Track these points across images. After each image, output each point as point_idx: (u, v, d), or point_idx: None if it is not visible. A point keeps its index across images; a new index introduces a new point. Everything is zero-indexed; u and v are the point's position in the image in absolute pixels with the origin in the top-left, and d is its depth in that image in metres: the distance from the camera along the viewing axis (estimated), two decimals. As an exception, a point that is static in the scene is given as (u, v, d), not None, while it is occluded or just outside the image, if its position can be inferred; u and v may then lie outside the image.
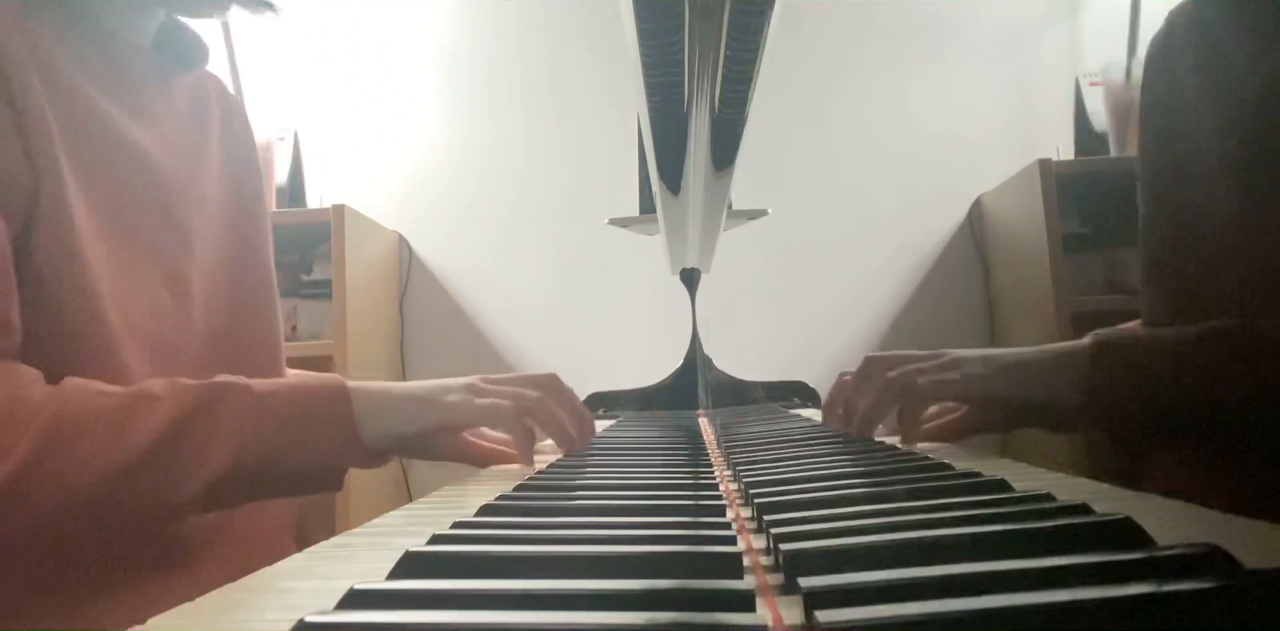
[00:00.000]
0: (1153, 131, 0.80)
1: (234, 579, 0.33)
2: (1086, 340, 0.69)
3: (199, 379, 0.61)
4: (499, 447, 0.76)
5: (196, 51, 0.77)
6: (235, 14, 0.75)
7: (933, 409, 0.75)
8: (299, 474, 0.61)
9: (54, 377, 0.57)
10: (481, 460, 0.75)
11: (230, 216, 0.78)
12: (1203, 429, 0.65)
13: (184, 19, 0.76)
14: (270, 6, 0.75)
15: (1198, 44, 0.74)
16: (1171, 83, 0.76)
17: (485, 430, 0.78)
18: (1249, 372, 0.61)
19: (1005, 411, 0.71)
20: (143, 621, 0.27)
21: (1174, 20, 0.78)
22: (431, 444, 0.69)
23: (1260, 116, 0.65)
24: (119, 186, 0.65)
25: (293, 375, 0.83)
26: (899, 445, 0.69)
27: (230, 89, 0.87)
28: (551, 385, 0.72)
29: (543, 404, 0.69)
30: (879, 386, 0.70)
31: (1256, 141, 0.65)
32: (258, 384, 0.61)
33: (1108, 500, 0.41)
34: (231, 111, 0.84)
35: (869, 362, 0.74)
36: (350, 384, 0.64)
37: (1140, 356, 0.66)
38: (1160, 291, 0.77)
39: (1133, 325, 0.80)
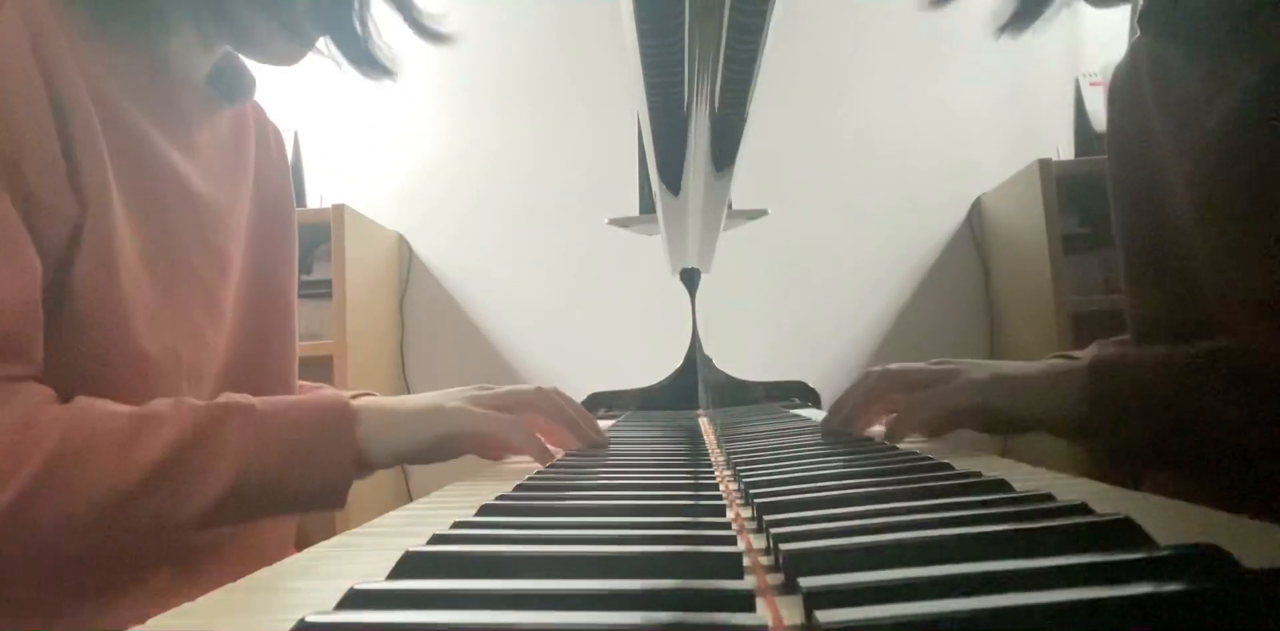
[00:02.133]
0: (1117, 162, 0.81)
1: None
2: (1086, 360, 0.69)
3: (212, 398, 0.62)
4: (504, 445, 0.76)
5: (246, 85, 0.79)
6: (309, 62, 0.77)
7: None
8: (300, 494, 0.62)
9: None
10: (495, 455, 0.76)
11: (258, 241, 0.80)
12: (1199, 452, 0.65)
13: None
14: (377, 65, 0.79)
15: (1156, 78, 0.75)
16: (1134, 113, 0.78)
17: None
18: (1247, 397, 0.61)
19: (998, 423, 0.72)
20: (142, 621, 0.27)
21: (1135, 51, 0.79)
22: (436, 454, 0.70)
23: (1215, 158, 0.66)
24: (164, 214, 0.67)
25: (300, 390, 0.84)
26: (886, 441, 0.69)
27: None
28: (547, 391, 0.74)
29: (545, 396, 0.71)
30: (874, 397, 0.73)
31: (1213, 181, 0.66)
32: (262, 403, 0.61)
33: (1108, 500, 0.41)
34: (268, 137, 0.86)
35: (875, 377, 0.75)
36: (354, 403, 0.65)
37: (1138, 377, 0.66)
38: (1140, 311, 0.79)
39: (1131, 349, 0.80)
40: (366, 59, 0.77)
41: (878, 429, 0.77)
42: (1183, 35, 0.71)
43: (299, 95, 2.10)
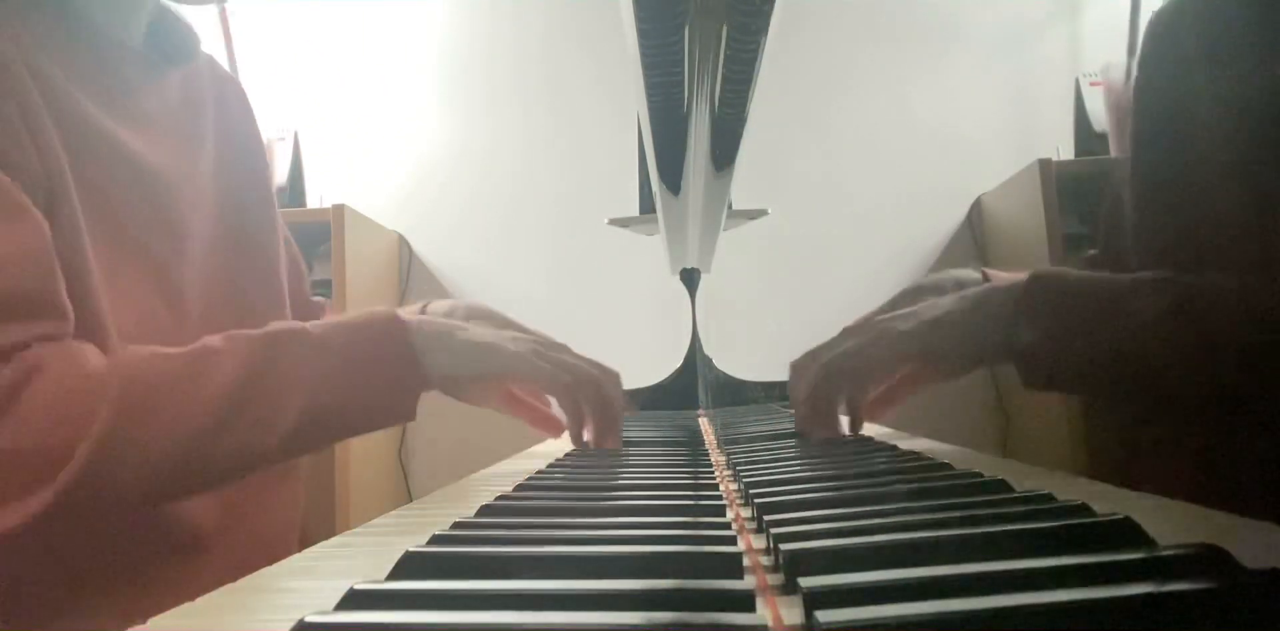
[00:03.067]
0: (1147, 113, 0.77)
1: (240, 574, 0.33)
2: (1023, 277, 0.66)
3: None
4: (540, 410, 0.77)
5: (189, 44, 0.75)
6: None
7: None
8: (373, 409, 0.62)
9: None
10: (521, 414, 0.76)
11: (228, 214, 0.76)
12: (1132, 381, 0.62)
13: (175, 7, 0.74)
14: None
15: (1204, 28, 0.71)
16: (1173, 63, 0.73)
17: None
18: (1184, 328, 0.59)
19: (937, 364, 0.70)
20: (143, 620, 0.27)
21: None
22: (483, 389, 0.71)
23: (1260, 118, 0.64)
24: (108, 190, 0.64)
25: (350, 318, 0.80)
26: (849, 432, 0.70)
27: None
28: (612, 379, 0.72)
29: (600, 386, 0.69)
30: (815, 379, 0.68)
31: (1253, 142, 0.64)
32: (313, 327, 0.61)
33: (1108, 500, 0.41)
34: (228, 95, 0.81)
35: (797, 366, 0.73)
36: (406, 318, 0.64)
37: (1072, 296, 0.63)
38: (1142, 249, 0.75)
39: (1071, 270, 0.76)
40: None
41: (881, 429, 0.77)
42: None
43: (299, 95, 2.10)
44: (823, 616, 0.22)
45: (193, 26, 0.76)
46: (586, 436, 0.71)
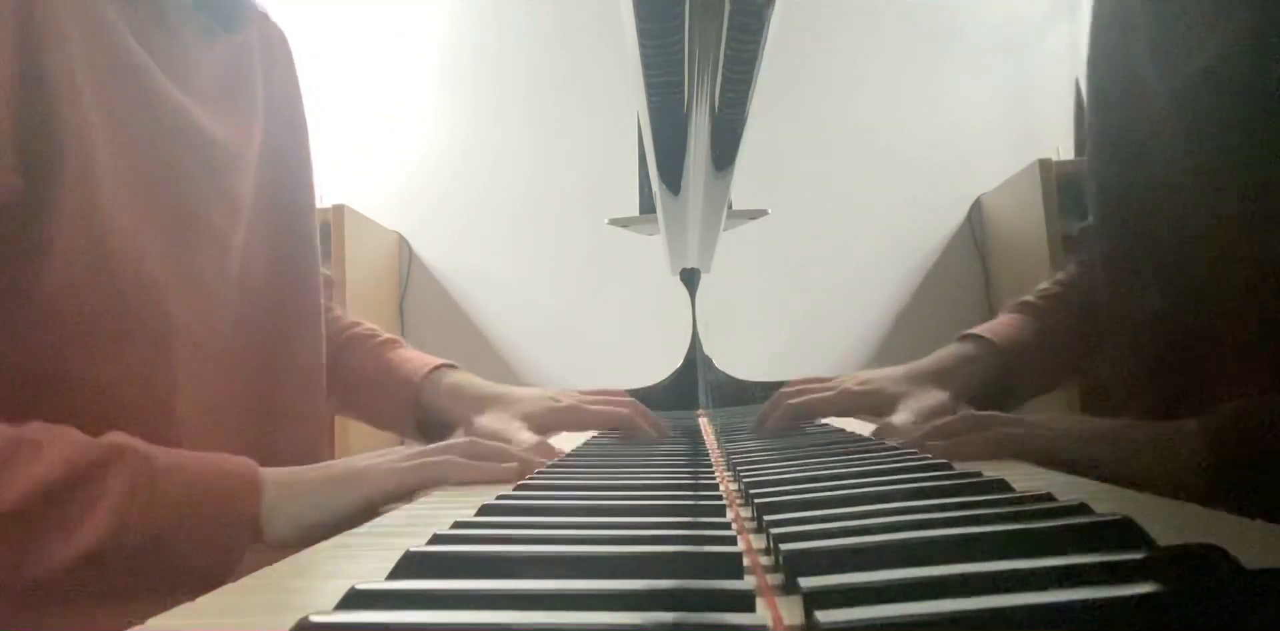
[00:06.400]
0: (1096, 94, 0.77)
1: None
2: (1196, 423, 0.59)
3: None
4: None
5: (241, 10, 0.72)
6: None
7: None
8: (185, 563, 0.53)
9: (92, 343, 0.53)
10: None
11: (272, 178, 0.74)
12: None
13: None
14: None
15: (1147, 10, 0.70)
16: (1119, 45, 0.73)
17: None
18: None
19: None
20: (143, 620, 0.27)
21: None
22: (356, 522, 0.61)
23: (1199, 102, 0.63)
24: (169, 157, 0.61)
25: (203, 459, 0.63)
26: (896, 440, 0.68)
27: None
28: (462, 447, 0.64)
29: (470, 449, 0.63)
30: (1000, 438, 0.61)
31: (1192, 128, 0.63)
32: (161, 455, 0.54)
33: (1108, 500, 0.41)
34: (277, 59, 0.79)
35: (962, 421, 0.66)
36: (264, 471, 0.57)
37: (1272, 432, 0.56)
38: (1109, 247, 0.75)
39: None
40: None
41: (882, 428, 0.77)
42: None
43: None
44: (823, 616, 0.22)
45: None
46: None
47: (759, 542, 0.36)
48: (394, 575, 0.29)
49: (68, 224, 0.54)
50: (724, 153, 0.55)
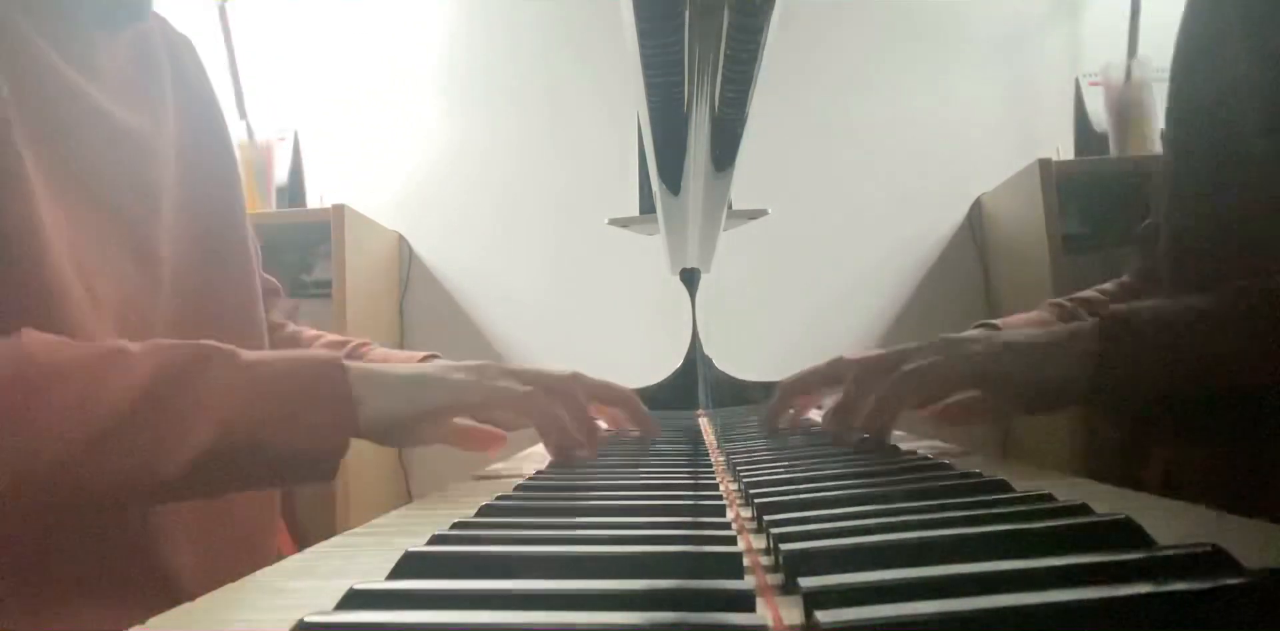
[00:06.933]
0: (1183, 74, 0.74)
1: (219, 571, 0.32)
2: (1094, 320, 0.63)
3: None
4: (480, 427, 0.69)
5: (141, 1, 0.70)
6: None
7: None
8: (291, 456, 0.53)
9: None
10: (470, 445, 0.69)
11: (193, 173, 0.72)
12: (1217, 406, 0.58)
13: None
14: None
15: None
16: (1216, 32, 0.70)
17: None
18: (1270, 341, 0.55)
19: (1009, 393, 0.65)
20: (142, 620, 0.27)
21: None
22: (431, 429, 0.63)
23: None
24: (73, 144, 0.59)
25: (286, 352, 0.69)
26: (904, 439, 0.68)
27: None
28: (564, 388, 0.65)
29: (566, 385, 0.64)
30: (887, 387, 0.63)
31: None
32: (245, 352, 0.54)
33: (1108, 500, 0.41)
34: (183, 56, 0.77)
35: (859, 364, 0.68)
36: (347, 362, 0.57)
37: (1152, 331, 0.60)
38: (1184, 237, 0.72)
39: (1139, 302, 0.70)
40: None
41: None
42: None
43: (299, 95, 2.10)
44: (823, 616, 0.22)
45: None
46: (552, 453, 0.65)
47: (759, 542, 0.36)
48: (393, 575, 0.29)
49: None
50: (724, 153, 0.55)
